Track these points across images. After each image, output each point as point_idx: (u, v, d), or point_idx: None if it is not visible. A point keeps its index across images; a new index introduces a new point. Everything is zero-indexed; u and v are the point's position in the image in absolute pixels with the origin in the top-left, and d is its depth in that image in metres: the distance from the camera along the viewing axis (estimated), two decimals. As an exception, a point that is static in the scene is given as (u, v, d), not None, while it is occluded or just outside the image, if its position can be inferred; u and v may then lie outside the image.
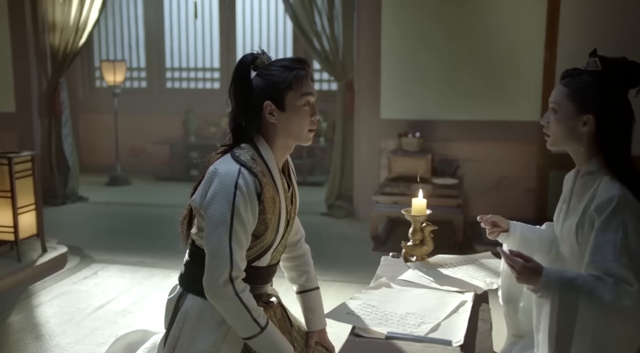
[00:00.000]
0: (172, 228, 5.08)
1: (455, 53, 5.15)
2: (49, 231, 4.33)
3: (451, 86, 5.18)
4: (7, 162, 3.85)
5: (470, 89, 5.14)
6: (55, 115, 6.09)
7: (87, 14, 5.91)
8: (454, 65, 5.16)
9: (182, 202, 5.65)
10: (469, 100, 5.16)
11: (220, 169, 1.81)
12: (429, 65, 5.20)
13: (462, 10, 5.09)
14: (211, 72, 7.78)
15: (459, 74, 5.16)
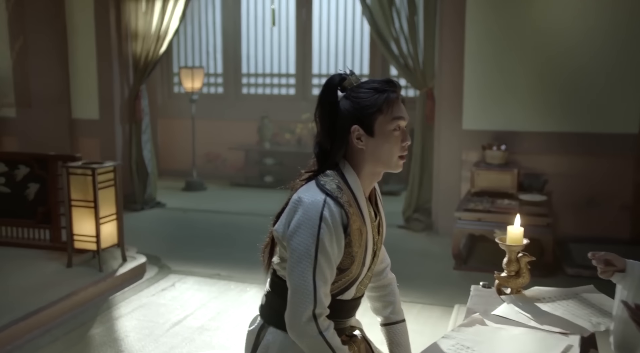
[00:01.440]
0: (246, 239, 5.13)
1: (544, 59, 4.86)
2: (128, 238, 4.38)
3: (539, 95, 4.90)
4: (91, 172, 3.92)
5: (560, 98, 4.84)
6: (135, 122, 6.22)
7: (167, 22, 6.00)
8: (543, 72, 4.87)
9: (256, 210, 5.70)
10: (559, 110, 4.86)
11: (305, 197, 1.70)
12: (515, 73, 4.94)
13: (553, 14, 4.80)
14: (287, 78, 7.76)
15: (547, 82, 4.87)
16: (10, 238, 4.61)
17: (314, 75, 7.62)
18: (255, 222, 5.71)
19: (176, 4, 5.94)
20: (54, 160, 4.44)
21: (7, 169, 4.56)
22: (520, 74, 4.92)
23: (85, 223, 4.01)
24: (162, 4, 5.95)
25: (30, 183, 4.52)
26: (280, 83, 7.79)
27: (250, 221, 5.78)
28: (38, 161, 4.48)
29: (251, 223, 5.69)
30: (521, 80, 4.92)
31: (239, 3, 7.67)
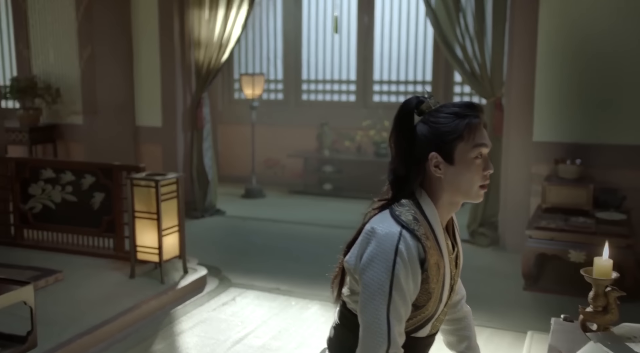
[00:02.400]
0: (306, 250, 5.05)
1: (622, 66, 4.58)
2: (189, 247, 4.35)
3: (617, 105, 4.61)
4: (155, 185, 3.93)
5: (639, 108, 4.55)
6: (197, 129, 6.25)
7: (230, 30, 6.00)
8: (621, 80, 4.59)
9: (315, 219, 5.62)
10: (638, 122, 4.56)
11: (379, 229, 1.60)
12: (591, 81, 4.67)
13: (633, 17, 4.52)
14: (347, 85, 7.66)
15: (626, 92, 4.59)
16: (76, 246, 4.70)
17: (375, 81, 7.50)
18: (314, 233, 5.65)
19: (239, 11, 5.93)
20: (119, 170, 4.49)
21: (74, 178, 4.64)
22: (596, 82, 4.65)
23: (148, 235, 4.03)
24: (225, 12, 5.96)
25: (95, 192, 4.59)
26: (341, 89, 7.70)
27: (310, 231, 5.71)
28: (103, 171, 4.54)
29: (310, 234, 5.62)
30: (597, 89, 4.65)
31: (300, 9, 7.62)
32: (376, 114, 7.14)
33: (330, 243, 5.24)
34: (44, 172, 4.73)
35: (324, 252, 5.00)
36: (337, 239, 5.22)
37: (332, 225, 5.89)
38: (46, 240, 4.82)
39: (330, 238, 5.43)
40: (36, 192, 4.77)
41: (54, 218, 4.75)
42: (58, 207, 4.72)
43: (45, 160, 5.00)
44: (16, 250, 4.76)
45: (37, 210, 4.80)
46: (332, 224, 5.91)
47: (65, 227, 4.72)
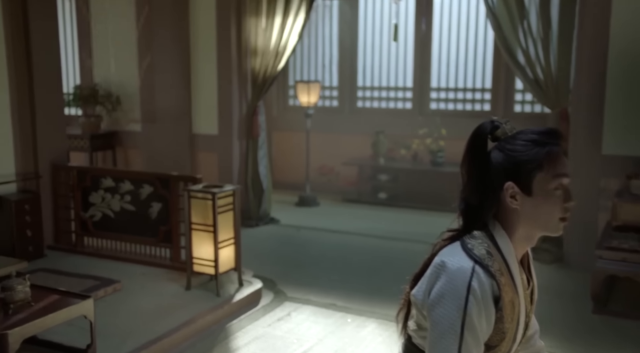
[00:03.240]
0: (361, 263, 4.95)
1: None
2: (243, 257, 4.29)
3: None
4: (211, 197, 3.92)
5: None
6: (253, 137, 6.25)
7: (287, 38, 5.97)
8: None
9: (370, 230, 5.48)
10: None
11: (450, 263, 1.50)
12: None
13: None
14: (403, 92, 7.52)
15: None
16: (134, 255, 4.75)
17: (432, 88, 7.33)
18: (370, 244, 5.55)
19: (296, 20, 5.90)
20: (176, 180, 4.51)
21: (132, 187, 4.69)
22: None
23: (204, 247, 4.02)
24: (282, 21, 5.93)
25: (153, 202, 4.63)
26: (397, 97, 7.57)
27: (365, 243, 5.61)
28: (161, 181, 4.57)
29: (366, 246, 5.52)
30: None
31: (356, 15, 7.54)
32: (433, 121, 6.98)
33: (386, 257, 5.19)
34: (104, 181, 4.80)
35: (380, 266, 4.90)
36: (393, 252, 5.14)
37: (387, 236, 5.78)
38: (105, 248, 4.89)
39: (386, 251, 5.33)
40: (96, 200, 4.86)
41: (113, 226, 4.82)
42: (117, 216, 4.79)
43: (105, 169, 5.09)
44: (77, 257, 4.86)
45: (97, 218, 4.88)
46: (387, 236, 5.80)
47: (123, 236, 4.78)
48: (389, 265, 4.94)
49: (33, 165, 4.93)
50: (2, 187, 4.67)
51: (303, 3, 5.83)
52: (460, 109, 7.21)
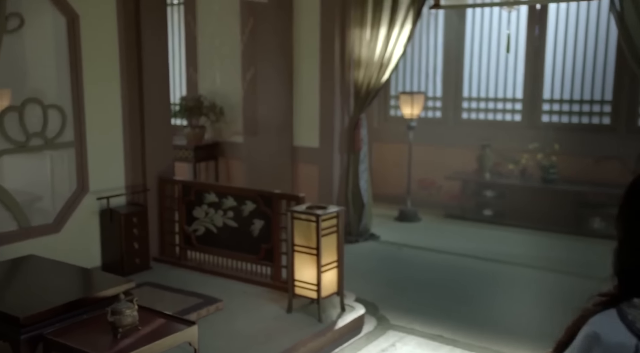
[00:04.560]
0: (468, 288, 4.66)
1: None
2: (345, 276, 4.17)
3: None
4: (315, 219, 3.80)
5: None
6: (354, 151, 6.11)
7: (392, 49, 5.79)
8: None
9: (476, 251, 5.16)
10: None
11: (605, 335, 1.26)
12: None
13: None
14: (512, 103, 7.12)
15: None
16: (235, 271, 4.73)
17: (545, 100, 6.88)
18: (477, 267, 5.25)
19: (401, 31, 5.70)
20: (278, 198, 4.45)
21: (235, 203, 4.68)
22: None
23: (306, 270, 3.91)
24: (387, 31, 5.75)
25: (255, 219, 4.58)
26: (505, 108, 7.18)
27: (472, 265, 5.32)
28: (263, 198, 4.52)
29: (473, 268, 5.23)
30: None
31: (463, 24, 7.22)
32: (545, 135, 6.55)
33: (495, 282, 4.87)
34: (207, 196, 4.82)
35: (488, 293, 4.62)
36: (502, 277, 4.80)
37: (495, 259, 5.46)
38: (207, 263, 4.91)
39: (494, 275, 5.02)
40: (200, 215, 4.89)
41: (215, 241, 4.83)
42: (219, 231, 4.79)
43: (209, 185, 5.12)
44: (180, 270, 4.91)
45: (200, 232, 4.91)
46: (495, 258, 5.47)
47: (225, 252, 4.78)
48: (498, 292, 4.63)
49: (141, 178, 5.04)
50: (112, 200, 4.80)
51: (410, 13, 5.62)
52: (576, 122, 6.72)
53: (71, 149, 4.68)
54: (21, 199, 4.40)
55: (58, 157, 4.72)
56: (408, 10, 5.63)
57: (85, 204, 4.73)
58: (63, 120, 4.60)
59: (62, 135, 4.61)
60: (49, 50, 4.67)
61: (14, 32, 4.28)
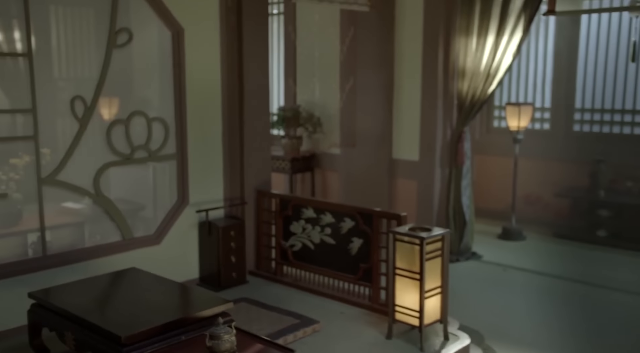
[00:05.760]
0: (584, 321, 4.24)
1: None
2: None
3: None
4: (419, 242, 3.58)
5: None
6: (456, 165, 5.81)
7: (500, 59, 5.45)
8: None
9: (591, 276, 4.70)
10: None
11: None
12: None
13: None
14: (632, 115, 6.55)
15: None
16: (332, 290, 4.59)
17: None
18: (591, 295, 4.82)
19: (511, 39, 5.35)
20: (379, 217, 4.26)
21: (333, 220, 4.54)
22: None
23: (408, 295, 3.69)
24: (495, 40, 5.43)
25: (354, 237, 4.42)
26: (623, 120, 6.62)
27: (585, 293, 4.89)
28: (363, 216, 4.35)
29: (586, 296, 4.81)
30: None
31: (577, 31, 6.73)
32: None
33: (613, 315, 4.39)
34: (305, 211, 4.71)
35: (607, 327, 4.19)
36: (621, 309, 4.30)
37: (612, 286, 4.99)
38: (303, 279, 4.80)
39: (612, 307, 4.57)
40: (297, 230, 4.79)
41: (312, 258, 4.71)
42: (316, 248, 4.67)
43: (307, 199, 5.00)
44: (276, 286, 4.83)
45: (297, 248, 4.81)
46: (612, 285, 5.01)
47: (322, 269, 4.65)
48: (618, 327, 4.20)
49: (239, 191, 5.01)
50: (210, 213, 4.80)
51: (521, 20, 5.27)
52: None
53: (173, 161, 4.73)
54: (124, 208, 4.48)
55: (160, 169, 4.79)
56: (519, 17, 5.29)
57: (185, 216, 4.76)
58: (166, 132, 4.65)
59: (165, 148, 4.66)
60: (153, 64, 4.75)
61: (123, 47, 4.36)
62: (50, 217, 4.11)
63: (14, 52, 3.93)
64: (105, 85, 4.28)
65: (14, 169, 3.99)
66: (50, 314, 3.25)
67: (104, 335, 2.90)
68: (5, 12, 3.91)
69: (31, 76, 3.92)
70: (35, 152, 3.98)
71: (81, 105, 4.19)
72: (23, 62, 3.92)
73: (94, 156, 4.32)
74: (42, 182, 4.02)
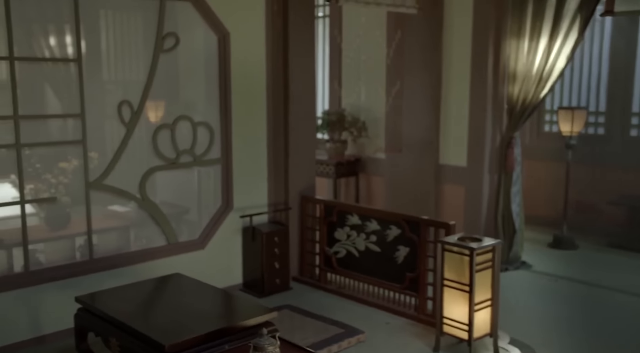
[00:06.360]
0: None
1: None
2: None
3: None
4: (469, 253, 3.46)
5: None
6: (506, 171, 5.63)
7: (553, 62, 5.26)
8: None
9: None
10: None
11: None
12: None
13: None
14: (693, 120, 6.25)
15: None
16: (377, 299, 4.50)
17: None
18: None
19: (565, 41, 5.15)
20: (426, 225, 4.15)
21: (379, 227, 4.45)
22: None
23: (456, 307, 3.57)
24: (548, 42, 5.23)
25: (400, 245, 4.32)
26: (685, 125, 6.32)
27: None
28: (409, 224, 4.24)
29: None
30: None
31: (636, 31, 6.45)
32: None
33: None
34: (350, 218, 4.63)
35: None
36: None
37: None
38: (347, 287, 4.72)
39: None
40: (341, 237, 4.71)
41: (357, 266, 4.62)
42: (361, 255, 4.58)
43: (352, 206, 4.92)
44: (320, 293, 4.77)
45: (341, 255, 4.73)
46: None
47: (366, 277, 4.56)
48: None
49: (283, 196, 4.96)
50: (255, 218, 4.76)
51: (576, 22, 5.07)
52: None
53: (217, 166, 4.71)
54: (169, 212, 4.48)
55: (205, 173, 4.78)
56: (574, 19, 5.08)
57: (229, 221, 4.74)
58: (211, 137, 4.64)
59: (210, 152, 4.64)
60: (199, 68, 4.75)
61: (170, 51, 4.37)
62: (97, 220, 4.14)
63: (65, 58, 3.98)
64: (152, 90, 4.30)
65: (63, 172, 4.04)
66: (96, 319, 3.26)
67: (148, 342, 2.88)
68: (57, 18, 3.97)
69: (80, 81, 3.96)
70: (83, 156, 4.02)
71: (128, 109, 4.21)
72: (73, 67, 3.96)
73: (140, 160, 4.34)
74: (89, 186, 4.06)
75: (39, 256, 4.05)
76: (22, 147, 3.76)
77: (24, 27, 3.81)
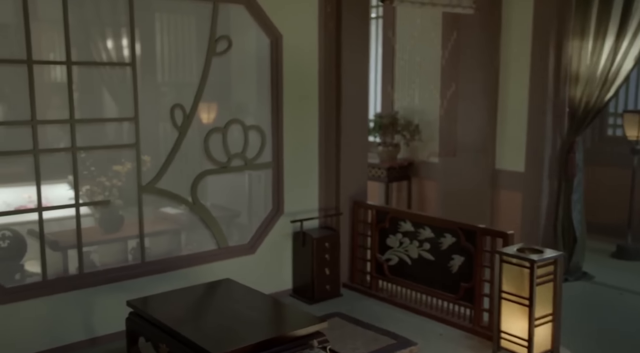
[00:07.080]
0: None
1: None
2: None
3: None
4: (529, 265, 3.29)
5: None
6: (567, 178, 5.39)
7: (619, 63, 5.00)
8: None
9: None
10: None
11: None
12: None
13: None
14: None
15: None
16: (429, 309, 4.36)
17: None
18: None
19: (634, 41, 4.89)
20: (482, 234, 3.99)
21: (433, 235, 4.31)
22: None
23: (515, 322, 3.41)
24: (614, 43, 4.97)
25: (454, 254, 4.17)
26: None
27: None
28: (465, 232, 4.09)
29: None
30: None
31: None
32: None
33: None
34: (403, 225, 4.51)
35: None
36: None
37: None
38: (399, 295, 4.60)
39: None
40: (394, 244, 4.59)
41: (409, 274, 4.50)
42: (414, 264, 4.46)
43: (405, 212, 4.80)
44: (371, 300, 4.66)
45: (393, 262, 4.61)
46: None
47: (419, 286, 4.43)
48: None
49: (334, 201, 4.88)
50: (305, 223, 4.70)
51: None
52: None
53: (268, 170, 4.67)
54: (219, 216, 4.46)
55: (256, 177, 4.75)
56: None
57: (279, 226, 4.69)
58: (262, 141, 4.60)
59: (261, 156, 4.61)
60: (251, 71, 4.72)
61: (222, 54, 4.35)
62: (149, 223, 4.16)
63: (120, 61, 4.01)
64: (204, 93, 4.29)
65: (117, 175, 4.07)
66: (146, 324, 3.25)
67: (197, 350, 2.84)
68: (113, 22, 4.00)
69: (134, 84, 3.97)
70: (136, 159, 4.04)
71: (180, 112, 4.21)
72: (128, 70, 3.99)
73: (192, 164, 4.33)
74: (142, 189, 4.08)
75: (93, 258, 4.10)
76: (77, 151, 3.80)
77: (81, 31, 3.85)
